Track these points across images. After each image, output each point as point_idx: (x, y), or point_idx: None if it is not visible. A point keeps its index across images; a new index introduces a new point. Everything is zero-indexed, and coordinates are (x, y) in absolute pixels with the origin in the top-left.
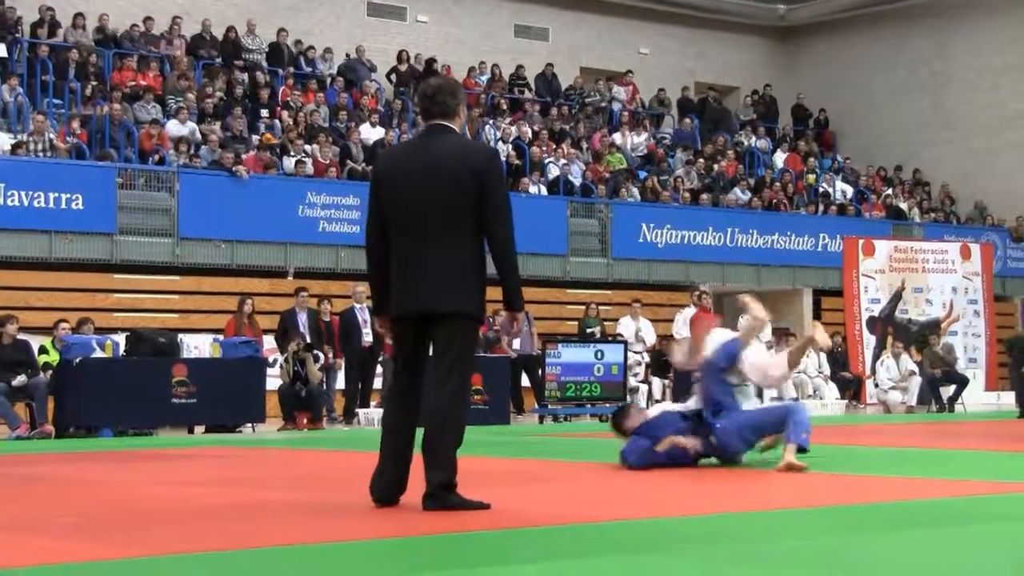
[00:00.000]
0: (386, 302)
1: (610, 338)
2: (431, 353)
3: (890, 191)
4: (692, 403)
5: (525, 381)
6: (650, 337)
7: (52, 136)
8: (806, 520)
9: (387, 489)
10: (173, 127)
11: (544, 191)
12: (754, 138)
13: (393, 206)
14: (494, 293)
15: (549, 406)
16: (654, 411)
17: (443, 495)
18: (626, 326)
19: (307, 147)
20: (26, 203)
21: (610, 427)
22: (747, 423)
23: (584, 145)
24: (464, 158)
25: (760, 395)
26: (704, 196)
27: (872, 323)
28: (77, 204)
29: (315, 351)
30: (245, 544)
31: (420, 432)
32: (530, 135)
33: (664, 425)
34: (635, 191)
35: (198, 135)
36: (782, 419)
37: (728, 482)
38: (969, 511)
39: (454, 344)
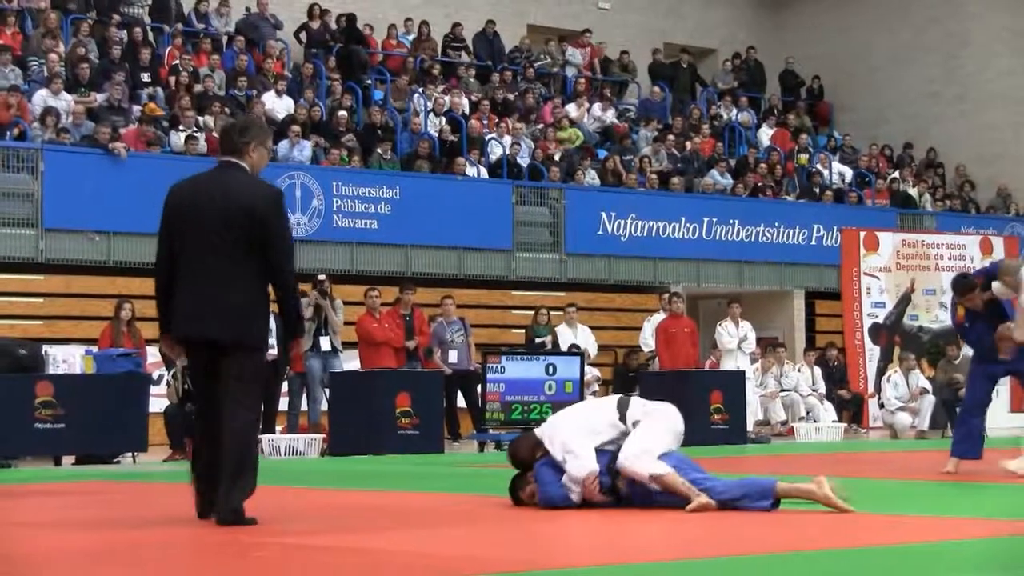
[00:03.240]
0: (171, 322)
1: (566, 349)
2: (223, 379)
3: (896, 174)
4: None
5: (461, 401)
6: (591, 348)
7: None
8: (799, 568)
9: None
10: (39, 96)
11: (485, 173)
12: (735, 111)
13: (184, 236)
14: (426, 296)
15: (490, 431)
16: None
17: (237, 517)
18: (562, 335)
19: (199, 119)
20: None
21: (508, 459)
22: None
23: (532, 118)
24: (252, 199)
25: None
26: (675, 180)
27: (876, 331)
28: None
29: None
30: None
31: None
32: (467, 106)
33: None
34: (593, 174)
35: (67, 105)
36: None
37: (691, 523)
38: (992, 555)
39: (243, 372)
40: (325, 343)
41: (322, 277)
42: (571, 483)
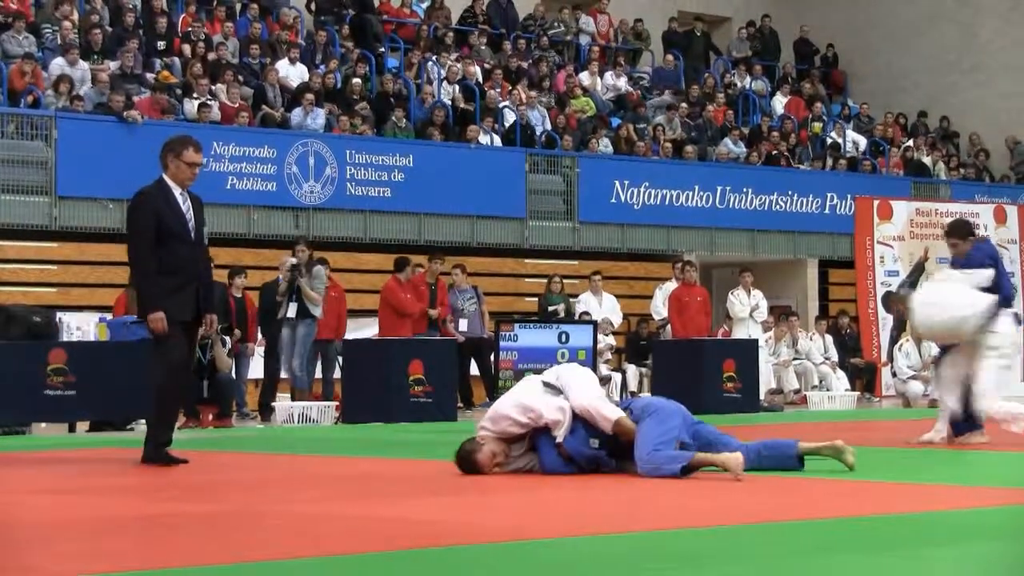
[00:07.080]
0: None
1: (587, 318)
2: None
3: (911, 143)
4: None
5: (474, 369)
6: (615, 317)
7: None
8: (806, 535)
9: None
10: (55, 64)
11: (498, 141)
12: (749, 79)
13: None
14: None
15: None
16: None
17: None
18: (587, 304)
19: (213, 87)
20: None
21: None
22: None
23: (546, 86)
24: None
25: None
26: (689, 148)
27: (889, 300)
28: None
29: (223, 335)
30: (137, 565)
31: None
32: (481, 75)
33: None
34: (607, 142)
35: (81, 73)
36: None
37: (698, 492)
38: (1004, 523)
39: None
40: (292, 310)
41: (294, 260)
42: (558, 429)
